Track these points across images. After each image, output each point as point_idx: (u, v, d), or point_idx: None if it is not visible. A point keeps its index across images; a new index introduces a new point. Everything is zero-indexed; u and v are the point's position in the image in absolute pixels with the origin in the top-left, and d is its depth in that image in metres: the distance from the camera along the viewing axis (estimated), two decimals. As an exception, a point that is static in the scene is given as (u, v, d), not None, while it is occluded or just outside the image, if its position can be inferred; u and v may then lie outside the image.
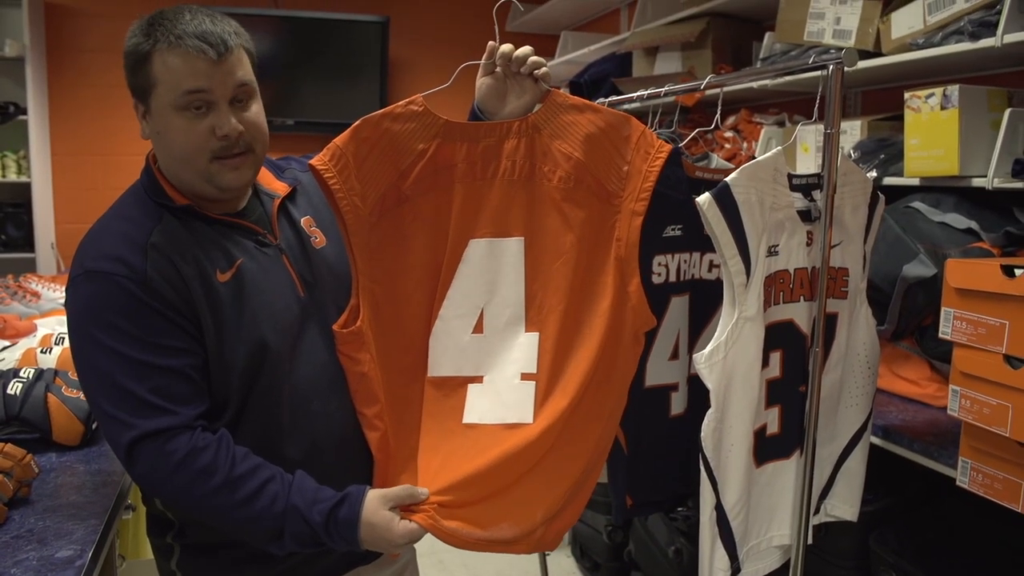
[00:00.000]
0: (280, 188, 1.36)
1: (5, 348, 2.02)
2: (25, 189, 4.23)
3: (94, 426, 1.63)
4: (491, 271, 1.27)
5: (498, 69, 1.38)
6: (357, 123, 1.24)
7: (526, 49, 1.36)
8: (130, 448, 1.14)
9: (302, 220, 1.35)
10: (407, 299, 1.26)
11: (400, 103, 1.26)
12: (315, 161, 1.22)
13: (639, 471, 1.51)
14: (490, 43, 1.38)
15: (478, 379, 1.25)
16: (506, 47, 1.36)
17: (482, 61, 1.37)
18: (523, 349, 1.25)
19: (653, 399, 1.44)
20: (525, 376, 1.24)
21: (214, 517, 1.18)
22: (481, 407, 1.24)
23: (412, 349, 1.27)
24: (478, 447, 1.22)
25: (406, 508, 1.20)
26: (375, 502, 1.19)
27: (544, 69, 1.36)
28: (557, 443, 1.23)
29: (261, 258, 1.26)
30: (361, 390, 1.25)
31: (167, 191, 1.24)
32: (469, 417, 1.24)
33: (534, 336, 1.25)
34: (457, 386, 1.26)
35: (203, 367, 1.19)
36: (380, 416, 1.25)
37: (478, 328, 1.25)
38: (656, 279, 1.44)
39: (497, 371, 1.25)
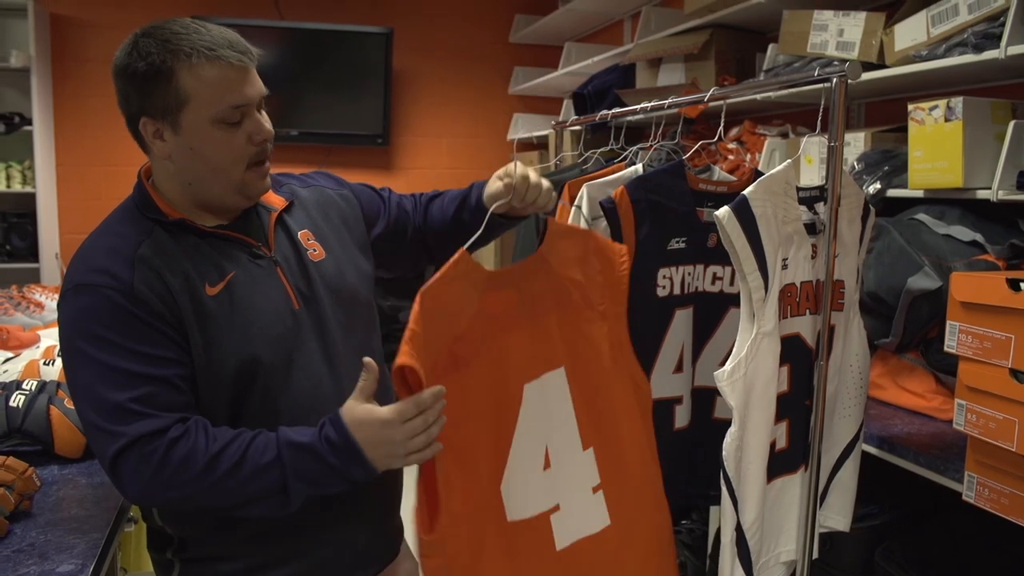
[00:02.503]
0: (278, 202, 1.35)
1: (8, 360, 2.02)
2: (30, 199, 4.24)
3: (96, 438, 1.63)
4: (547, 408, 1.30)
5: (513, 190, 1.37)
6: (419, 297, 1.17)
7: (545, 187, 1.39)
8: (115, 459, 1.12)
9: (299, 233, 1.34)
10: (471, 452, 1.24)
11: (447, 265, 1.21)
12: (405, 362, 1.09)
13: None
14: (508, 182, 1.37)
15: (556, 508, 1.29)
16: (521, 184, 1.36)
17: (503, 195, 1.37)
18: (586, 466, 1.32)
19: (657, 412, 1.43)
20: (595, 488, 1.32)
21: (212, 498, 1.14)
22: (567, 530, 1.29)
23: (480, 498, 1.24)
24: (576, 563, 1.29)
25: None
26: (350, 404, 1.15)
27: (550, 207, 1.41)
28: (633, 541, 1.33)
29: (254, 270, 1.25)
30: None
31: (159, 206, 1.24)
32: (561, 543, 1.28)
33: (591, 452, 1.32)
34: (541, 522, 1.28)
35: (191, 379, 1.18)
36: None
37: (547, 464, 1.28)
38: (661, 292, 1.44)
39: (570, 494, 1.30)
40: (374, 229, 1.49)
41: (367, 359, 1.16)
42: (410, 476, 1.46)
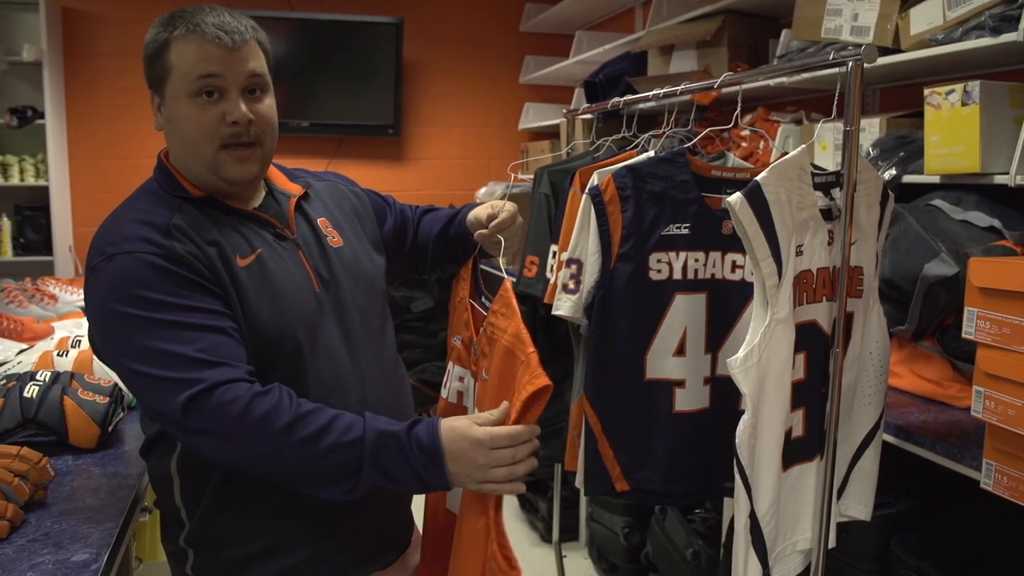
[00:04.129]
0: (295, 189, 1.38)
1: (22, 351, 2.03)
2: (43, 192, 4.26)
3: (110, 429, 1.63)
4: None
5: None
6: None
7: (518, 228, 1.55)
8: (187, 404, 1.09)
9: (319, 220, 1.36)
10: None
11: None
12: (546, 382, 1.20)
13: (637, 457, 1.50)
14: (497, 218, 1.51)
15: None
16: (508, 219, 1.51)
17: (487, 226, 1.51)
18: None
19: (652, 392, 1.47)
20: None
21: (286, 462, 1.12)
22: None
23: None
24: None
25: None
26: (451, 421, 1.16)
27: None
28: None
29: (279, 250, 1.27)
30: None
31: (183, 184, 1.25)
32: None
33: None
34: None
35: (242, 331, 1.18)
36: None
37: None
38: (655, 275, 1.46)
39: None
40: (384, 226, 1.53)
41: (504, 403, 1.18)
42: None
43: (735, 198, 1.23)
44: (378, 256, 1.46)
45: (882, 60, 2.02)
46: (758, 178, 1.25)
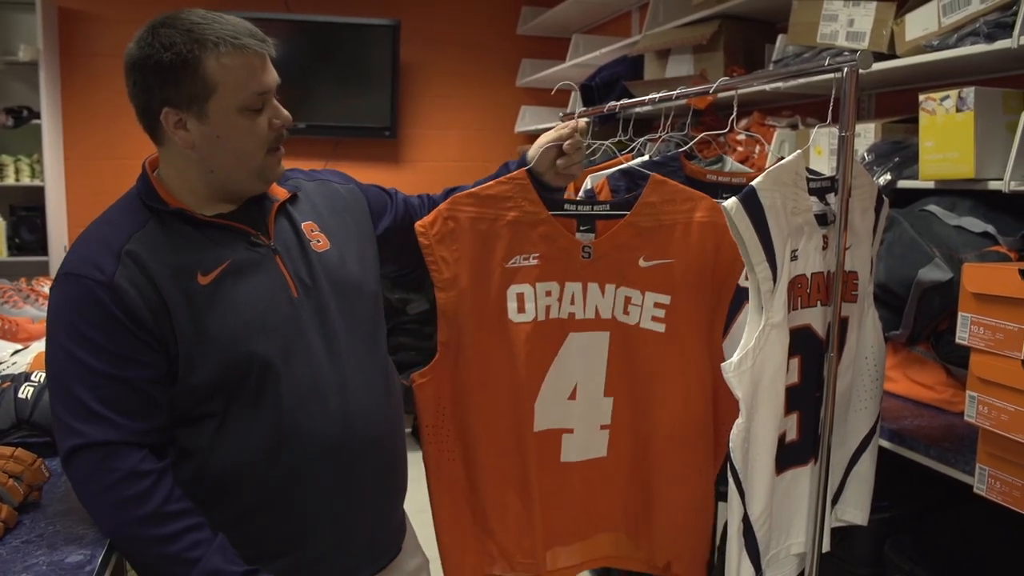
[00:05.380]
0: (280, 193, 1.36)
1: (17, 352, 2.02)
2: (39, 193, 4.25)
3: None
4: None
5: (564, 147, 1.46)
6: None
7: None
8: (69, 454, 1.16)
9: (303, 224, 1.35)
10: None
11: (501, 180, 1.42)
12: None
13: None
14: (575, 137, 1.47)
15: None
16: (582, 132, 1.48)
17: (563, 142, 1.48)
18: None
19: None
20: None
21: (129, 543, 1.18)
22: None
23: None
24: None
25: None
26: None
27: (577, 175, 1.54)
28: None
29: (250, 258, 1.26)
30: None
31: (161, 195, 1.25)
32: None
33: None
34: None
35: (160, 381, 1.19)
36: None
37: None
38: None
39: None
40: (381, 223, 1.50)
41: None
42: (413, 472, 1.47)
43: (730, 203, 1.24)
44: (371, 255, 1.44)
45: (877, 66, 2.03)
46: (753, 183, 1.26)
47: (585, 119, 1.48)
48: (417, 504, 1.51)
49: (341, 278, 1.33)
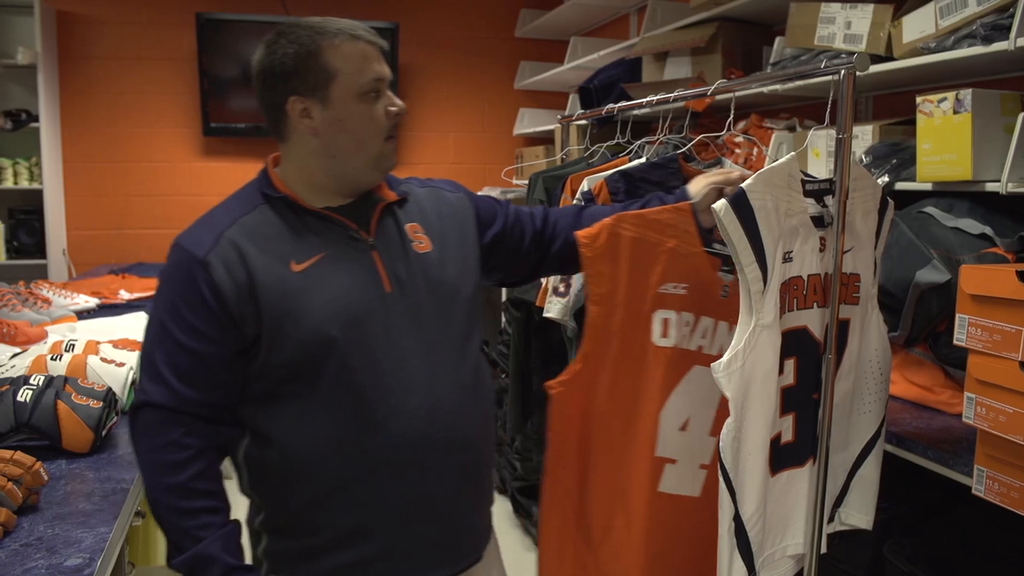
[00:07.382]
0: (390, 195, 1.41)
1: (15, 355, 2.02)
2: (37, 196, 4.25)
3: (104, 433, 1.63)
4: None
5: (726, 191, 1.44)
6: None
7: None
8: (135, 408, 1.27)
9: (407, 225, 1.39)
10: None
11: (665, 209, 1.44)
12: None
13: None
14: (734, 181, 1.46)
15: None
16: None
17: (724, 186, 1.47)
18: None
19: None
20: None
21: (155, 502, 1.25)
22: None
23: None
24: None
25: None
26: None
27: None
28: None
29: (346, 251, 1.31)
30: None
31: (273, 182, 1.33)
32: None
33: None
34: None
35: (228, 360, 1.26)
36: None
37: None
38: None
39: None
40: (490, 231, 1.52)
41: None
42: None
43: (720, 204, 1.25)
44: (473, 262, 1.45)
45: (874, 68, 2.03)
46: (743, 185, 1.26)
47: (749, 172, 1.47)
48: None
49: (438, 279, 1.36)
